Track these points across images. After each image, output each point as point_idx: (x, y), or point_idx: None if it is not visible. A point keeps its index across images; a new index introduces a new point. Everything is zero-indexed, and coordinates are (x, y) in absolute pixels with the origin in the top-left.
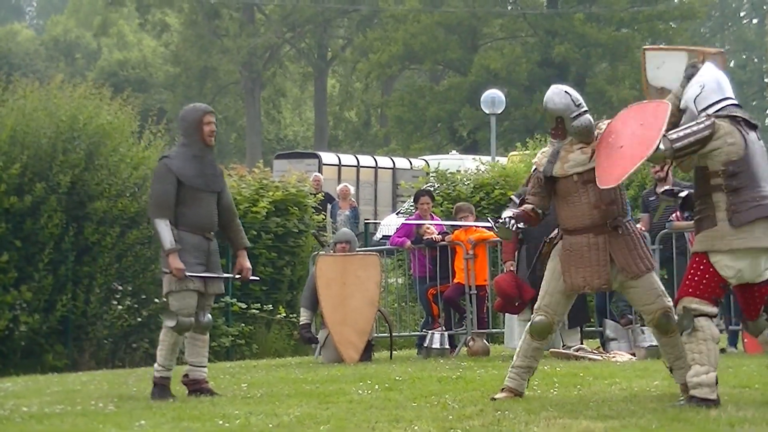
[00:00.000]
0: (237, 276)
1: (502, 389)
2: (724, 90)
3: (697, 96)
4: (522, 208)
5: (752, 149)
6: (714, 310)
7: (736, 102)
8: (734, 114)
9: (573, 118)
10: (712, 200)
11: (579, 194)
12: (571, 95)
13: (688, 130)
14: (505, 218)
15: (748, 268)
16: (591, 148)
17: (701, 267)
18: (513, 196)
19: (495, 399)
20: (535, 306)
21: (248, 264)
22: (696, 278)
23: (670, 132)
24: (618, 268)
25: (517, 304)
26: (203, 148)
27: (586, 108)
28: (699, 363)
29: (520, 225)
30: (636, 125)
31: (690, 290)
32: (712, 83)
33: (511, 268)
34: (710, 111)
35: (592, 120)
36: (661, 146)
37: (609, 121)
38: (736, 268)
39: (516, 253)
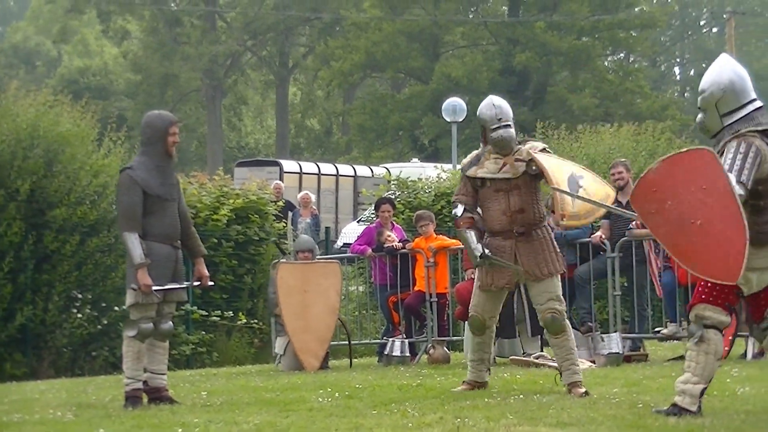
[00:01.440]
0: (196, 284)
1: (463, 382)
2: (747, 91)
3: (719, 100)
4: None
5: None
6: (727, 319)
7: (760, 104)
8: (762, 128)
9: (492, 129)
10: None
11: (491, 200)
12: (497, 108)
13: (744, 162)
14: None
15: (756, 279)
16: (505, 161)
17: None
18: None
19: (456, 391)
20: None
21: (206, 272)
22: (709, 284)
23: (731, 174)
24: (523, 270)
25: None
26: (166, 158)
27: (509, 123)
28: (692, 372)
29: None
30: (697, 189)
31: (703, 296)
32: (739, 82)
33: (472, 276)
34: (734, 117)
35: (513, 135)
36: (741, 192)
37: (542, 145)
38: (747, 276)
39: None
